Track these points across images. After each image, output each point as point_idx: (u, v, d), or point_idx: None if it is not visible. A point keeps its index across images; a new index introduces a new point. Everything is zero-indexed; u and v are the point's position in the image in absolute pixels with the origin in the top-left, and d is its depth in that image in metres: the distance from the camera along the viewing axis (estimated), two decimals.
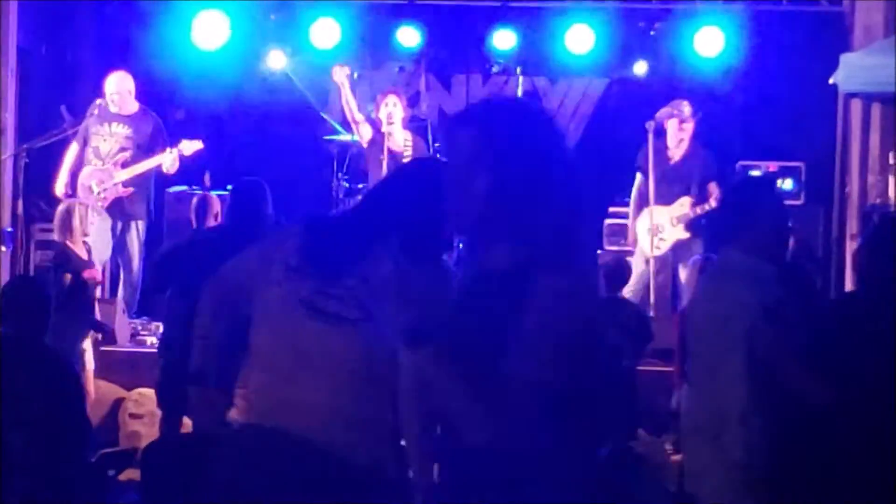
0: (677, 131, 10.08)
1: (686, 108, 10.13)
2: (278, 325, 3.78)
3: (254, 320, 3.87)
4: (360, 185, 10.15)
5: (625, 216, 10.70)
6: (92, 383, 8.40)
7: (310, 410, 3.71)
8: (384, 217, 3.78)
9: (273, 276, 3.77)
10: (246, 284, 3.95)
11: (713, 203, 9.63)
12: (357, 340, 3.68)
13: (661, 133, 10.15)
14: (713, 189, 9.91)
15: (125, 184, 10.10)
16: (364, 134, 10.19)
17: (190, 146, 10.06)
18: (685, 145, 10.15)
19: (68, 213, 8.93)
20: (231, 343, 4.27)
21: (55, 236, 9.24)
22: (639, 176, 10.22)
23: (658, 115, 10.09)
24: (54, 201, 10.06)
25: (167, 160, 9.92)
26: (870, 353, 4.49)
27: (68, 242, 8.92)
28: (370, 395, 3.73)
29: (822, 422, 4.50)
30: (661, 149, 10.16)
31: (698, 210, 9.98)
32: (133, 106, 10.16)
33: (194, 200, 9.31)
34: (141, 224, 10.27)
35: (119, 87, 10.07)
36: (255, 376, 3.91)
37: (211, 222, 8.80)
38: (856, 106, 11.07)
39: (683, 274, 9.95)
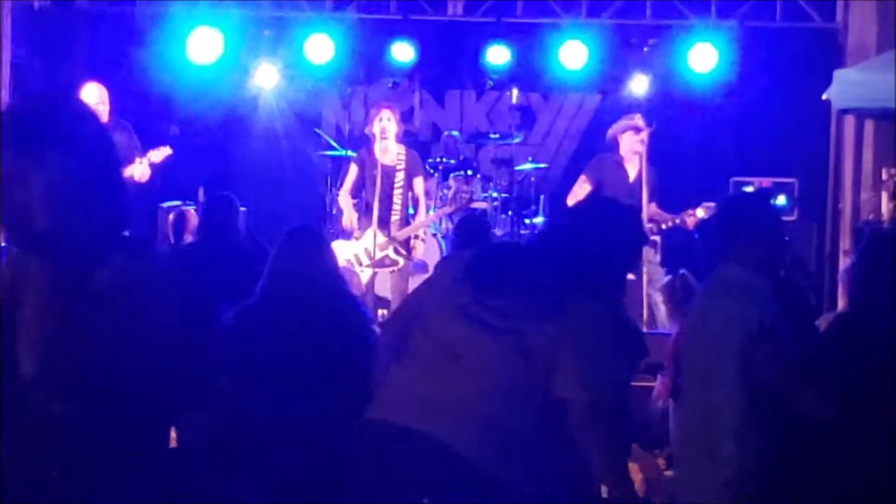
0: (633, 144, 9.69)
1: (640, 120, 9.80)
2: (435, 327, 3.81)
3: (417, 325, 3.91)
4: (354, 201, 9.62)
5: None
6: None
7: (445, 408, 3.71)
8: (557, 250, 3.81)
9: (439, 286, 3.91)
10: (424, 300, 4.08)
11: (687, 219, 9.32)
12: (505, 351, 3.69)
13: (615, 146, 9.81)
14: (690, 211, 9.49)
15: None
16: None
17: (158, 154, 9.79)
18: (641, 158, 9.77)
19: None
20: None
21: None
22: (584, 180, 9.71)
23: (613, 128, 9.80)
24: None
25: (137, 171, 9.64)
26: (864, 369, 4.27)
27: None
28: (506, 402, 3.71)
29: (816, 439, 4.33)
30: (617, 160, 9.81)
31: (670, 222, 9.59)
32: (105, 117, 9.85)
33: (171, 216, 9.35)
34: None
35: (93, 99, 9.57)
36: (400, 374, 3.89)
37: (188, 237, 8.75)
38: (849, 122, 10.94)
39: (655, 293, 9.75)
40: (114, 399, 2.84)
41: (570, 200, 9.77)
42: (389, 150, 9.55)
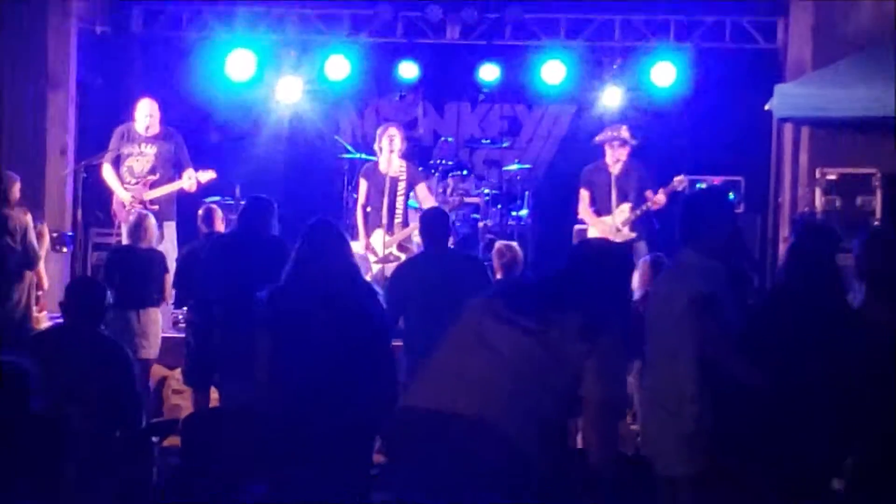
0: (616, 151, 10.23)
1: (624, 132, 10.31)
2: (469, 328, 4.14)
3: (453, 326, 4.26)
4: (368, 209, 10.24)
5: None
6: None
7: (473, 389, 3.98)
8: (567, 287, 4.18)
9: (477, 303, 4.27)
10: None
11: (651, 205, 9.95)
12: (530, 345, 4.02)
13: (601, 153, 10.37)
14: (650, 195, 10.02)
15: (152, 201, 10.38)
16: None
17: (205, 175, 10.47)
18: (620, 164, 10.23)
19: (139, 222, 9.28)
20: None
21: (125, 241, 9.50)
22: (583, 191, 10.34)
23: (599, 137, 10.35)
24: (108, 209, 10.56)
25: (186, 184, 10.34)
26: (798, 339, 4.59)
27: (142, 244, 9.25)
28: (533, 390, 4.02)
29: (758, 399, 4.55)
30: (602, 169, 10.33)
31: (638, 213, 10.11)
32: (157, 128, 10.47)
33: (200, 211, 9.81)
34: (172, 224, 10.56)
35: (146, 112, 10.41)
36: (435, 363, 4.21)
37: (219, 227, 9.38)
38: (788, 129, 11.48)
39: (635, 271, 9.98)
40: None
41: (581, 209, 10.32)
42: (393, 163, 9.96)
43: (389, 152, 9.79)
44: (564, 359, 4.01)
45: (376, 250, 9.53)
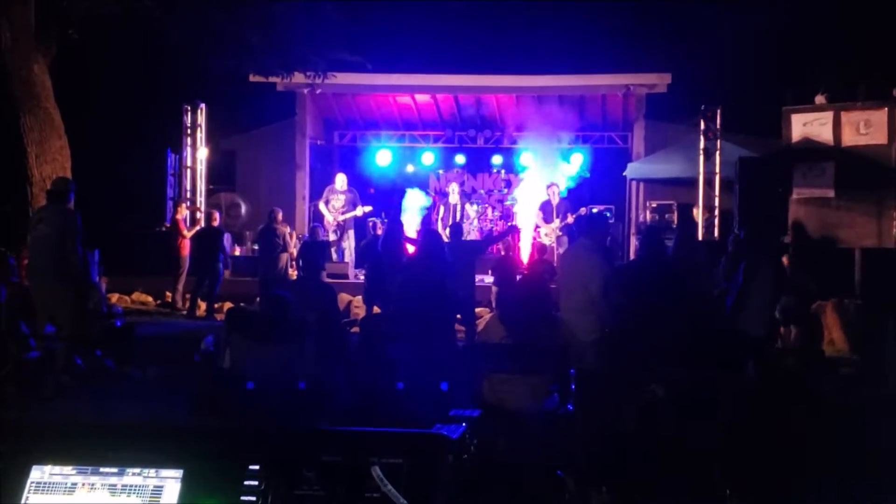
0: (553, 196, 13.19)
1: (556, 188, 13.40)
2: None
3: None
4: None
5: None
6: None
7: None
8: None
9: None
10: None
11: (569, 220, 12.42)
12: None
13: (549, 196, 13.00)
14: (570, 215, 12.47)
15: (344, 221, 13.41)
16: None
17: (367, 209, 13.30)
18: (556, 200, 13.05)
19: (325, 238, 12.02)
20: None
21: (331, 238, 12.67)
22: (538, 211, 13.15)
23: (547, 188, 13.34)
24: (322, 223, 13.08)
25: (358, 212, 13.22)
26: (643, 280, 5.49)
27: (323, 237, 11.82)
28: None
29: (625, 306, 5.44)
30: (548, 202, 12.94)
31: (564, 223, 12.65)
32: (345, 187, 13.50)
33: (369, 223, 12.94)
34: (352, 231, 13.59)
35: (341, 179, 13.62)
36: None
37: (378, 232, 11.53)
38: (633, 183, 14.76)
39: (561, 249, 12.18)
40: None
41: (538, 219, 12.87)
42: (452, 198, 12.82)
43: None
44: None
45: None
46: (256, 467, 1.76)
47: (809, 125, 10.73)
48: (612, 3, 14.32)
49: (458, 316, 7.79)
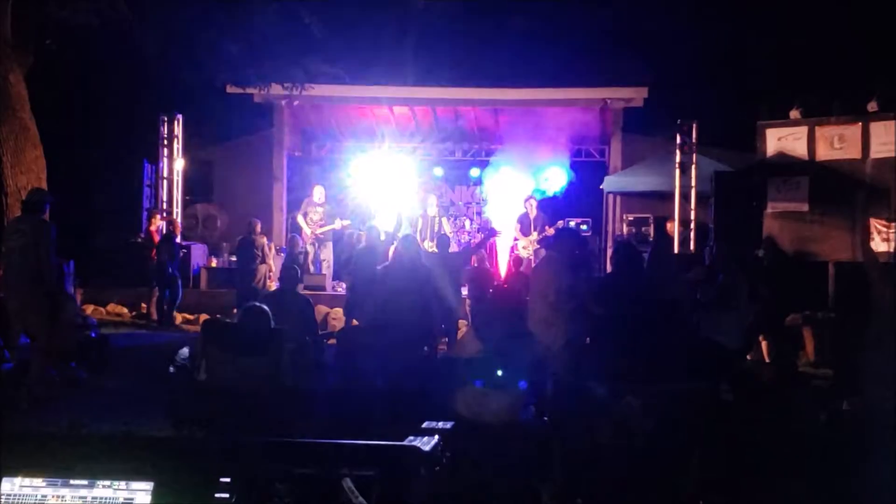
0: (531, 209, 13.10)
1: (534, 201, 13.35)
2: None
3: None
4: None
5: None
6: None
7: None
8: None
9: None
10: None
11: (547, 232, 12.49)
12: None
13: (526, 209, 12.90)
14: (548, 228, 12.61)
15: (322, 234, 13.37)
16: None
17: (343, 223, 13.53)
18: (534, 213, 13.00)
19: (303, 250, 12.05)
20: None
21: (306, 250, 12.49)
22: (517, 224, 13.04)
23: (525, 201, 13.26)
24: (300, 235, 12.93)
25: (336, 225, 13.31)
26: (618, 291, 5.23)
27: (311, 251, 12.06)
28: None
29: (599, 316, 5.15)
30: (526, 215, 12.92)
31: (541, 236, 12.59)
32: (322, 199, 13.48)
33: (353, 235, 12.95)
34: (329, 244, 13.52)
35: (319, 191, 13.53)
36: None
37: (363, 245, 10.51)
38: (611, 196, 14.67)
39: (537, 259, 11.99)
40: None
41: (516, 231, 12.83)
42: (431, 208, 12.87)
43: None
44: None
45: None
46: (227, 480, 1.76)
47: (784, 140, 10.85)
48: (589, 18, 14.16)
49: (443, 326, 7.92)
